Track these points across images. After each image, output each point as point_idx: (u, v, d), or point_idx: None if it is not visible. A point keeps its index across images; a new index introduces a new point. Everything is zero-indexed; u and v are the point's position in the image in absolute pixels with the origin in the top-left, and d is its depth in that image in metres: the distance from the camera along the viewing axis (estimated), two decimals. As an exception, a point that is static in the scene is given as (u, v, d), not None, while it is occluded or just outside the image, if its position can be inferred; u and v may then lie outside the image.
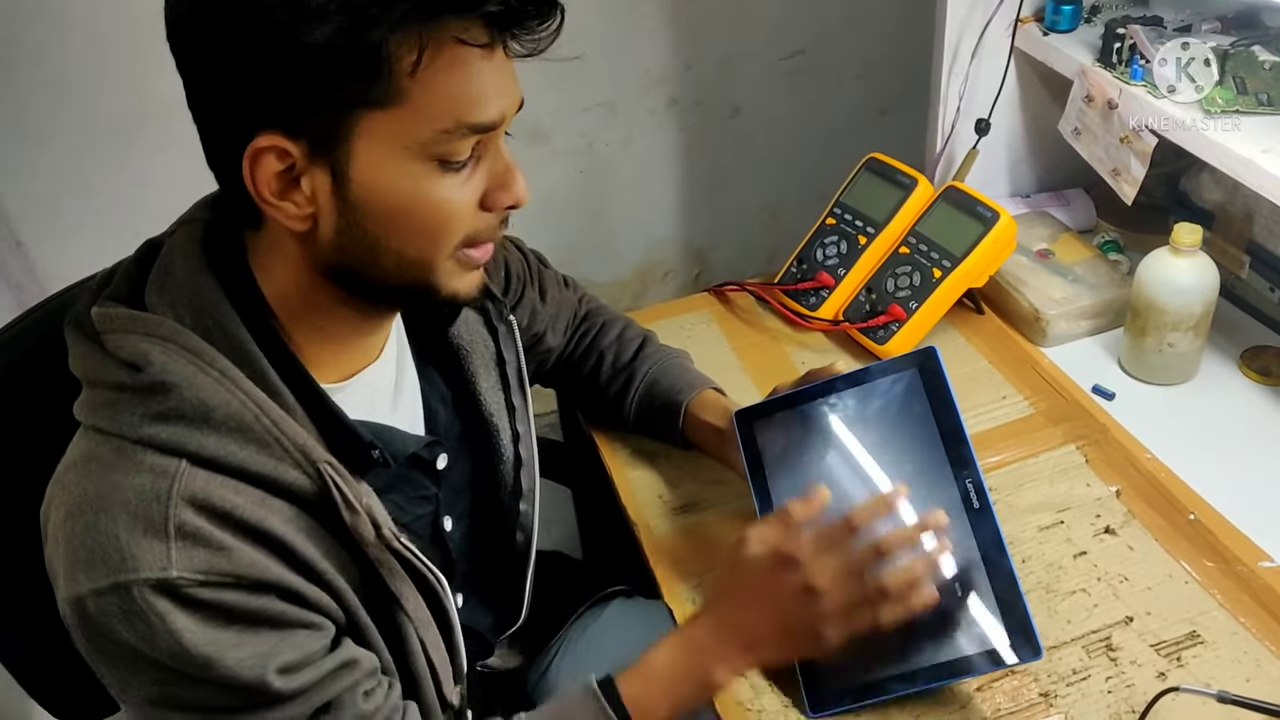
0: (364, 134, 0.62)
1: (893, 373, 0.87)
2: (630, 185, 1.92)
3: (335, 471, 0.67)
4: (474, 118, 0.64)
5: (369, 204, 0.65)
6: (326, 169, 0.64)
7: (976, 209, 1.16)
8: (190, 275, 0.68)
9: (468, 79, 0.63)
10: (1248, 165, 0.95)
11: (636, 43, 1.76)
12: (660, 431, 1.05)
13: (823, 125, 1.92)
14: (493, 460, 0.90)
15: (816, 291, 1.23)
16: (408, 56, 0.60)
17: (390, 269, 0.68)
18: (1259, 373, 1.11)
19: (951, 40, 1.22)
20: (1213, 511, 0.97)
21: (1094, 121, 1.14)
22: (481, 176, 0.68)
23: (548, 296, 1.03)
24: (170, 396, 0.64)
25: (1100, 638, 0.88)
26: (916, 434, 0.85)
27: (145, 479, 0.63)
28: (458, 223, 0.67)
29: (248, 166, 0.63)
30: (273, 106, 0.62)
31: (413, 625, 0.74)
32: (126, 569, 0.61)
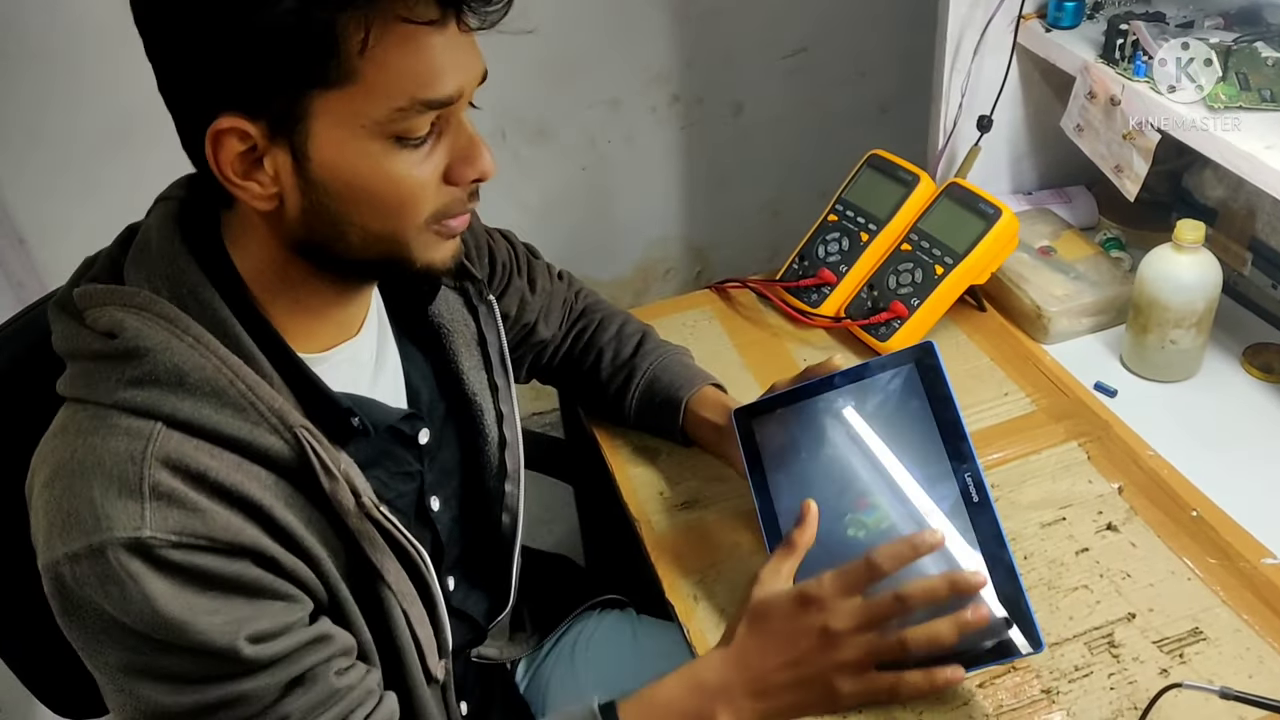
0: (320, 114, 0.63)
1: (891, 368, 0.86)
2: (632, 183, 1.92)
3: (312, 436, 0.68)
4: (428, 94, 0.64)
5: (330, 182, 0.65)
6: (287, 149, 0.64)
7: (978, 206, 1.16)
8: (165, 249, 0.69)
9: (419, 55, 0.63)
10: (1251, 161, 0.95)
11: (639, 40, 1.76)
12: (660, 428, 1.05)
13: (824, 123, 1.92)
14: (477, 441, 0.90)
15: (818, 288, 1.23)
16: (355, 35, 0.60)
17: (357, 244, 0.68)
18: (1261, 370, 1.11)
19: (954, 37, 1.22)
20: (1215, 508, 0.97)
21: (1096, 118, 1.13)
22: (443, 151, 0.68)
23: (537, 287, 1.03)
24: (145, 361, 0.64)
25: (1102, 634, 0.88)
26: (915, 429, 0.84)
27: (120, 441, 0.63)
28: (420, 198, 0.68)
29: (210, 148, 0.64)
30: (230, 88, 0.62)
31: (395, 598, 0.74)
32: (100, 529, 0.61)
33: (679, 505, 1.03)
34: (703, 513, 1.02)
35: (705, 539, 0.99)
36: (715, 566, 0.96)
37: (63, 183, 1.49)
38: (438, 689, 0.81)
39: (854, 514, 0.84)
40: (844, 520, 0.84)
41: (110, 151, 1.49)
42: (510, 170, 1.76)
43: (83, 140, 1.48)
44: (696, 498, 1.04)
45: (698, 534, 1.00)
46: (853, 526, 0.84)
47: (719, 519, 1.01)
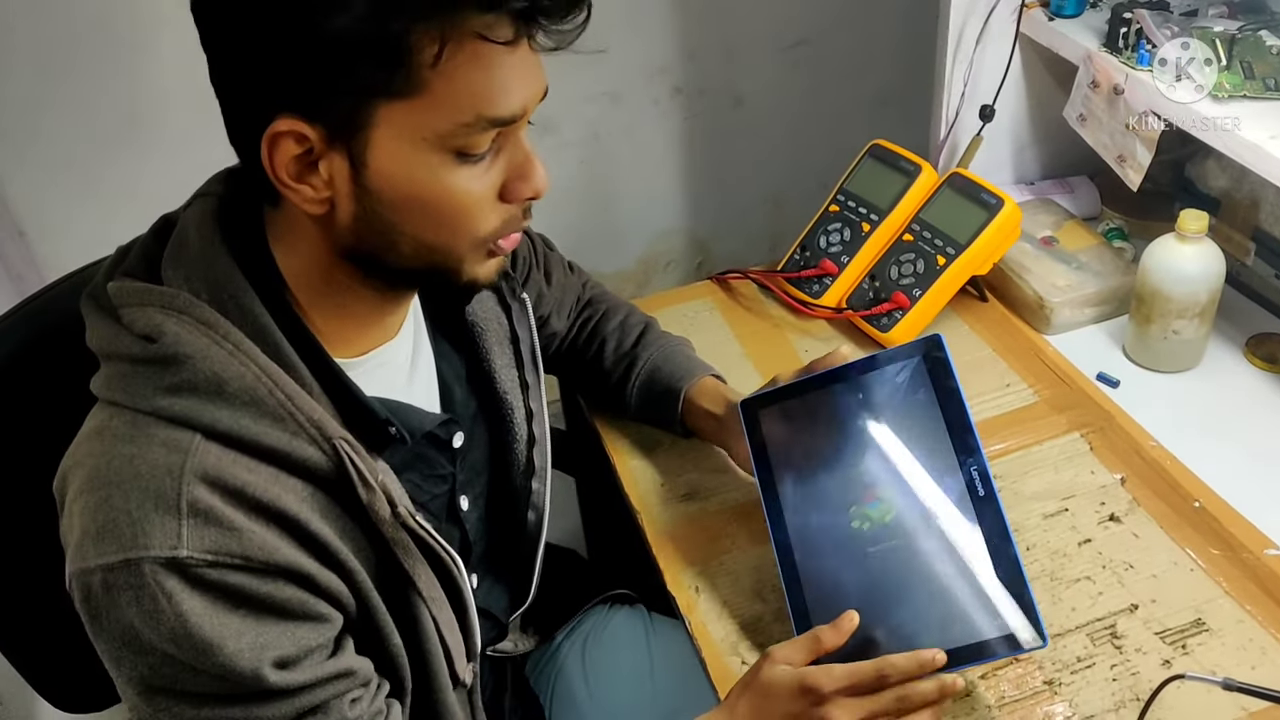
0: (383, 123, 0.62)
1: (898, 360, 0.86)
2: (634, 175, 1.91)
3: (351, 447, 0.67)
4: (494, 111, 0.63)
5: (386, 191, 0.64)
6: (345, 155, 0.63)
7: (981, 196, 1.15)
8: (205, 249, 0.68)
9: (489, 73, 0.62)
10: (1255, 151, 0.95)
11: (640, 32, 1.75)
12: (660, 418, 1.05)
13: (826, 114, 1.91)
14: (507, 439, 0.90)
15: (820, 279, 1.22)
16: (429, 48, 0.60)
17: (408, 254, 0.68)
18: (1264, 360, 1.11)
19: (956, 26, 1.21)
20: (1218, 499, 0.96)
21: (1099, 108, 1.13)
22: (501, 167, 0.67)
23: (553, 280, 1.03)
24: (184, 369, 0.64)
25: (1105, 625, 0.87)
26: (922, 421, 0.84)
27: (159, 453, 0.63)
28: (476, 213, 0.67)
29: (266, 148, 0.63)
30: (292, 90, 0.61)
31: (426, 605, 0.74)
32: (138, 545, 0.61)
33: (680, 497, 1.03)
34: (703, 504, 1.02)
35: (706, 531, 0.99)
36: (717, 558, 0.96)
37: (63, 177, 1.49)
38: (464, 692, 0.81)
39: (859, 506, 0.84)
40: (849, 512, 0.84)
41: (111, 146, 1.49)
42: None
43: (84, 134, 1.47)
44: (697, 489, 1.04)
45: (698, 526, 1.00)
46: (857, 519, 0.83)
47: (720, 511, 1.01)
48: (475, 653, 0.81)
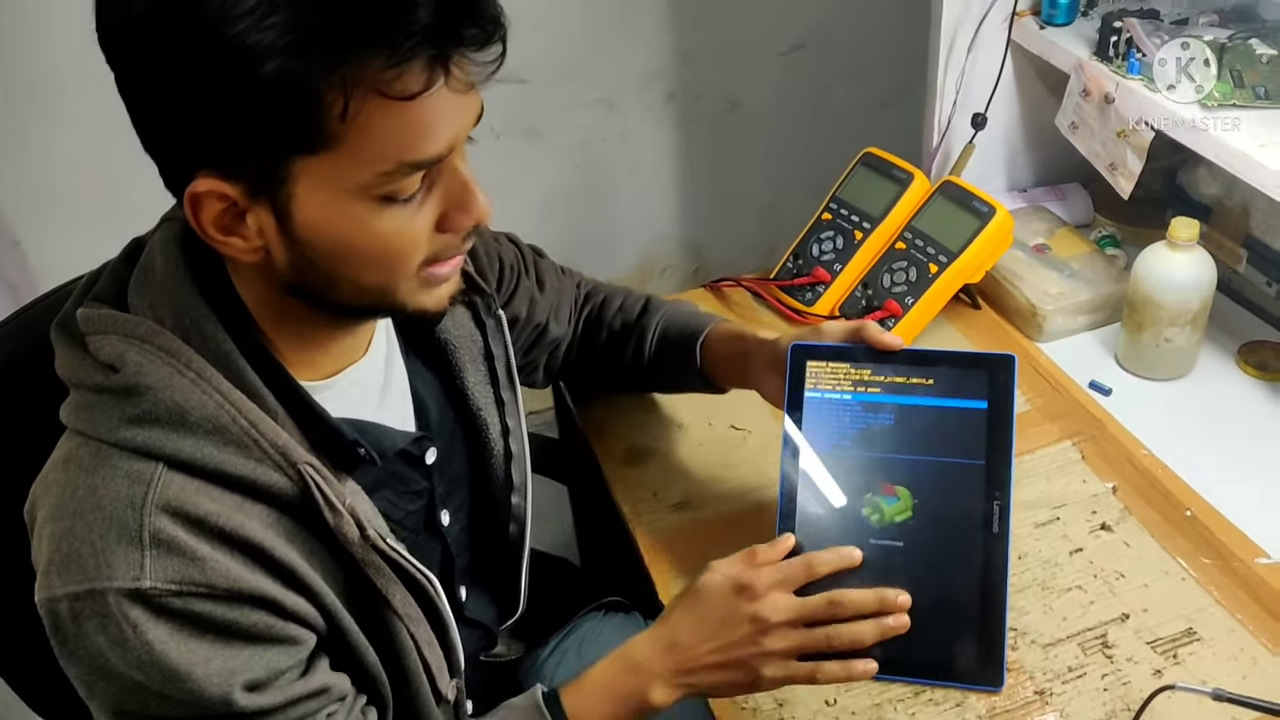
0: (302, 177, 0.60)
1: (965, 366, 0.84)
2: (628, 181, 1.91)
3: (316, 472, 0.66)
4: (415, 155, 0.61)
5: (316, 241, 0.63)
6: (269, 208, 0.62)
7: (973, 204, 1.15)
8: (168, 275, 0.67)
9: (405, 120, 0.59)
10: (1245, 159, 0.95)
11: (633, 37, 1.75)
12: (681, 378, 1.02)
13: (822, 119, 1.91)
14: (483, 455, 0.90)
15: (813, 287, 1.22)
16: (335, 103, 0.57)
17: (349, 294, 0.67)
18: (1256, 367, 1.11)
19: (948, 34, 1.22)
20: (1209, 507, 0.96)
21: (1091, 116, 1.13)
22: (436, 200, 0.65)
23: (546, 285, 1.02)
24: (145, 399, 0.63)
25: (1096, 635, 0.88)
26: (966, 436, 0.82)
27: (121, 485, 0.62)
28: (411, 251, 0.66)
29: (189, 207, 0.62)
30: (207, 149, 0.60)
31: (403, 623, 0.73)
32: (101, 576, 0.61)
33: (672, 506, 1.03)
34: (695, 513, 1.02)
35: (698, 540, 0.99)
36: (708, 568, 0.96)
37: (57, 186, 1.49)
38: (449, 708, 0.81)
39: (875, 495, 0.83)
40: (863, 497, 0.83)
41: (104, 155, 1.49)
42: (505, 170, 1.75)
43: (77, 141, 1.47)
44: (690, 498, 1.03)
45: (690, 534, 1.00)
46: (869, 507, 0.83)
47: (712, 519, 1.01)
48: (458, 668, 0.81)
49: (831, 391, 0.86)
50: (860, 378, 0.85)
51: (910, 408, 0.84)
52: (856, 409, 0.85)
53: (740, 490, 1.03)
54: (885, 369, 0.85)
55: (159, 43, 0.57)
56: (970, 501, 0.81)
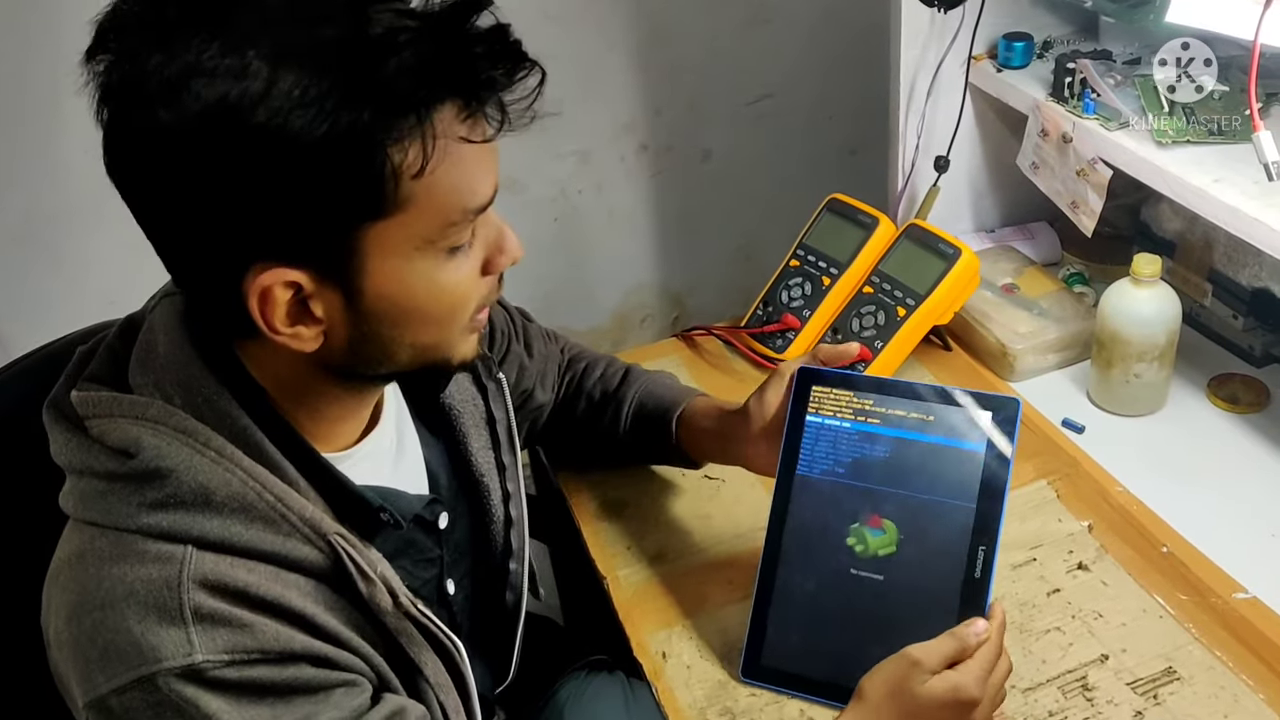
0: (373, 247, 0.61)
1: (967, 406, 0.84)
2: (604, 232, 1.92)
3: (346, 542, 0.66)
4: (476, 201, 0.63)
5: (385, 311, 0.63)
6: (338, 288, 0.62)
7: (938, 246, 1.16)
8: (174, 353, 0.66)
9: (468, 168, 0.62)
10: (1200, 195, 0.96)
11: (606, 90, 1.77)
12: (657, 450, 1.02)
13: (793, 166, 1.93)
14: (484, 520, 0.89)
15: (783, 333, 1.23)
16: (413, 164, 0.59)
17: (405, 360, 0.67)
18: (1227, 400, 1.11)
19: (907, 79, 1.23)
20: (1185, 544, 0.96)
21: (1050, 155, 1.14)
22: (480, 246, 0.67)
23: (534, 351, 1.02)
24: (167, 483, 0.62)
25: (1076, 677, 0.87)
26: (959, 477, 0.82)
27: (151, 569, 0.61)
28: (467, 301, 0.67)
29: (256, 305, 0.60)
30: (271, 240, 0.59)
31: (434, 692, 0.72)
32: (147, 661, 0.59)
33: (648, 559, 1.02)
34: (671, 566, 1.01)
35: (673, 593, 0.98)
36: (682, 621, 0.95)
37: (26, 254, 1.49)
38: None
39: (861, 525, 0.83)
40: (849, 527, 0.83)
41: (73, 223, 1.49)
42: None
43: (43, 206, 1.48)
44: (665, 551, 1.03)
45: (665, 588, 0.99)
46: (853, 537, 0.83)
47: (687, 572, 1.00)
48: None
49: (831, 418, 0.86)
50: (861, 406, 0.85)
51: (907, 442, 0.84)
52: (854, 438, 0.85)
53: (716, 540, 1.03)
54: (887, 400, 0.85)
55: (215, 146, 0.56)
56: (956, 543, 0.80)
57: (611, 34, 1.72)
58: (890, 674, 0.75)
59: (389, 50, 0.57)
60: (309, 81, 0.55)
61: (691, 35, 1.76)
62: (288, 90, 0.55)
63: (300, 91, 0.55)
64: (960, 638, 0.76)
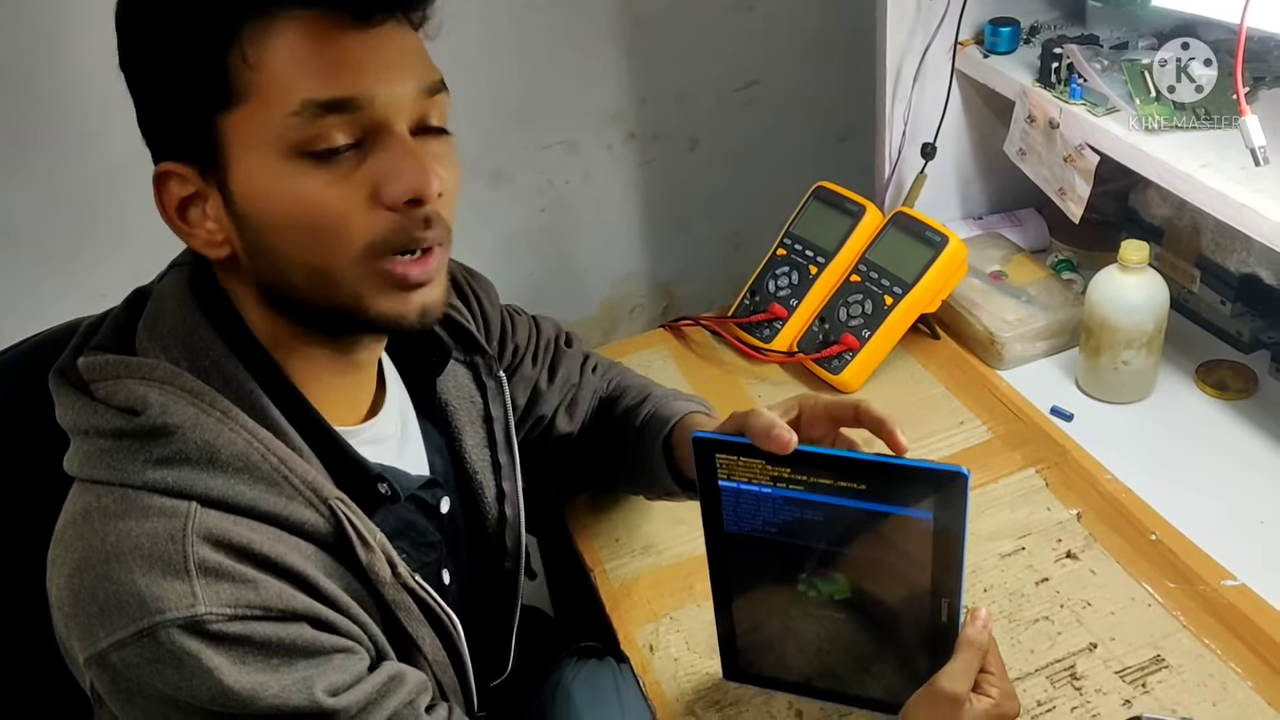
0: (232, 141, 0.62)
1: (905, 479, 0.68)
2: (593, 222, 1.91)
3: (347, 507, 0.66)
4: (318, 93, 0.60)
5: (254, 214, 0.63)
6: (217, 189, 0.64)
7: (925, 234, 1.15)
8: (182, 316, 0.67)
9: (305, 53, 0.60)
10: (1187, 180, 0.95)
11: (591, 79, 1.76)
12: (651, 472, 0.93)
13: (781, 154, 1.92)
14: (479, 518, 0.89)
15: (770, 323, 1.22)
16: (235, 46, 0.60)
17: (303, 284, 0.65)
18: (1215, 387, 1.10)
19: (893, 66, 1.22)
20: (1174, 531, 0.96)
21: (1038, 141, 1.13)
22: (370, 170, 0.62)
23: (558, 377, 0.97)
24: (173, 439, 0.62)
25: (1064, 666, 0.86)
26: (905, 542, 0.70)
27: (156, 522, 0.61)
28: (345, 221, 0.62)
29: (157, 195, 0.65)
30: (160, 129, 0.64)
31: (430, 668, 0.72)
32: (149, 612, 0.59)
33: (637, 551, 1.02)
34: (658, 558, 1.01)
35: (661, 586, 0.98)
36: (670, 614, 0.95)
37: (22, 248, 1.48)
38: None
39: (810, 576, 0.75)
40: (797, 577, 0.75)
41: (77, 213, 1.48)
42: (469, 214, 1.73)
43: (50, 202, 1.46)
44: (654, 542, 1.02)
45: (653, 581, 0.98)
46: (804, 585, 0.75)
47: (675, 565, 1.00)
48: (474, 716, 0.80)
49: (747, 484, 0.72)
50: (779, 474, 0.71)
51: (841, 508, 0.71)
52: (779, 502, 0.72)
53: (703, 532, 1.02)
54: (806, 470, 0.70)
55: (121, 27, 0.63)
56: (915, 597, 0.72)
57: (597, 23, 1.71)
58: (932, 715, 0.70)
59: None
60: None
61: (677, 23, 1.74)
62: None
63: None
64: (975, 643, 0.71)
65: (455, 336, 0.84)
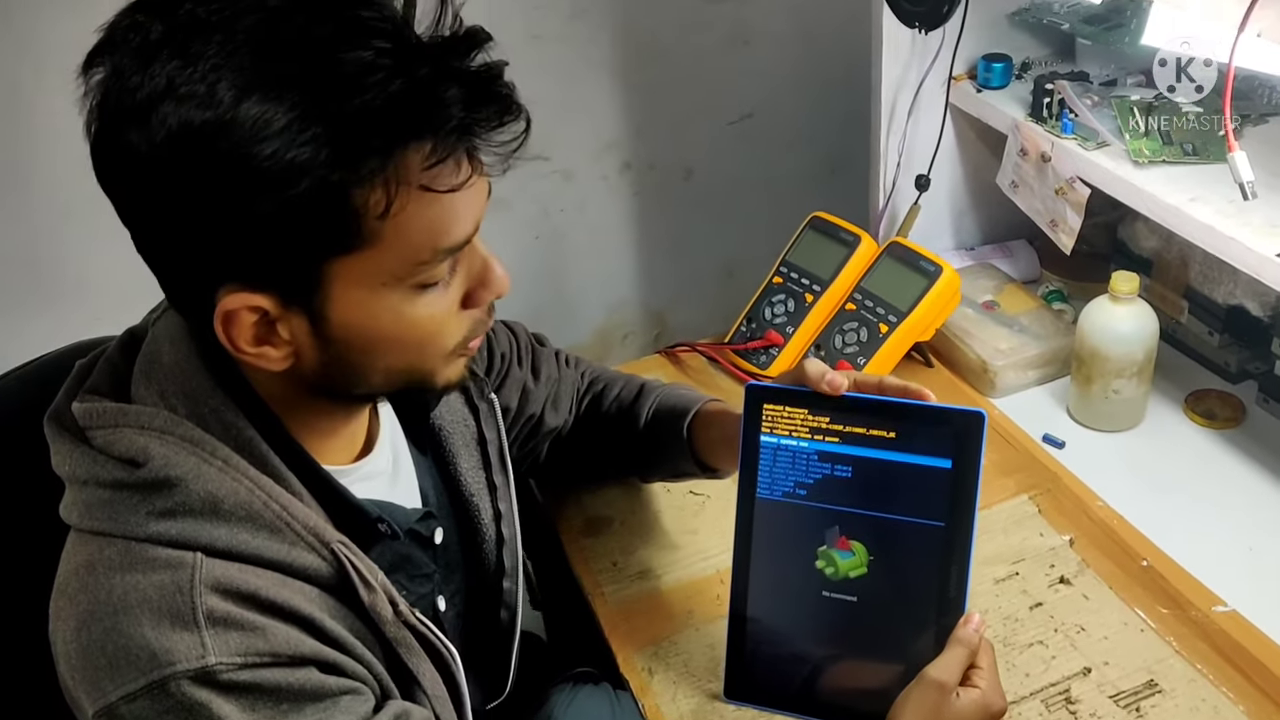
0: (338, 278, 0.61)
1: (930, 422, 0.77)
2: (587, 250, 1.93)
3: (349, 550, 0.67)
4: (450, 242, 0.62)
5: (352, 339, 0.64)
6: (303, 314, 0.62)
7: (919, 264, 1.17)
8: (180, 363, 0.67)
9: (442, 210, 0.61)
10: (1176, 214, 0.97)
11: (588, 109, 1.78)
12: (670, 455, 0.98)
13: (776, 185, 1.95)
14: (476, 540, 0.89)
15: (766, 350, 1.23)
16: (377, 204, 0.58)
17: (379, 383, 0.68)
18: (1203, 416, 1.12)
19: (888, 99, 1.25)
20: (1165, 557, 0.97)
21: (1029, 174, 1.16)
22: (460, 280, 0.66)
23: (541, 375, 1.00)
24: (176, 491, 0.62)
25: (1059, 690, 0.87)
26: (924, 495, 0.77)
27: (163, 575, 0.61)
28: (444, 332, 0.67)
29: (220, 327, 0.61)
30: (236, 265, 0.60)
31: (430, 704, 0.72)
32: (160, 665, 0.59)
33: (633, 575, 1.02)
34: (656, 582, 1.01)
35: (659, 609, 0.98)
36: (669, 637, 0.95)
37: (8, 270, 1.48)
38: None
39: (829, 548, 0.79)
40: (817, 549, 0.80)
41: (62, 237, 1.49)
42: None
43: (31, 226, 1.47)
44: (650, 567, 1.03)
45: (651, 604, 0.99)
46: (823, 559, 0.79)
47: (673, 588, 1.00)
48: None
49: (787, 438, 0.80)
50: (818, 425, 0.79)
51: (869, 460, 0.79)
52: (813, 458, 0.80)
53: (701, 555, 1.03)
54: (845, 417, 0.79)
55: (182, 169, 0.57)
56: (928, 563, 0.78)
57: (594, 53, 1.73)
58: (920, 702, 0.74)
59: (355, 90, 0.56)
60: (272, 114, 0.55)
61: (674, 55, 1.77)
62: (251, 120, 0.55)
63: (263, 123, 0.55)
64: (966, 641, 0.75)
65: None
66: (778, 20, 1.79)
